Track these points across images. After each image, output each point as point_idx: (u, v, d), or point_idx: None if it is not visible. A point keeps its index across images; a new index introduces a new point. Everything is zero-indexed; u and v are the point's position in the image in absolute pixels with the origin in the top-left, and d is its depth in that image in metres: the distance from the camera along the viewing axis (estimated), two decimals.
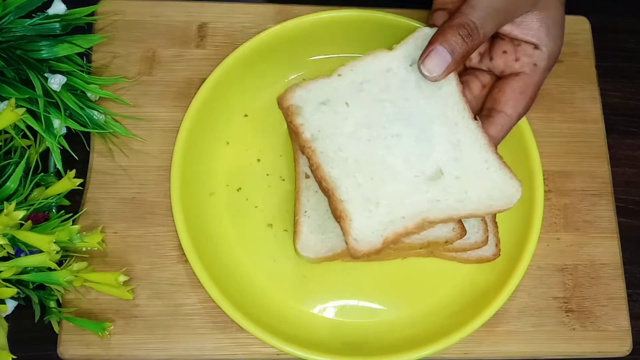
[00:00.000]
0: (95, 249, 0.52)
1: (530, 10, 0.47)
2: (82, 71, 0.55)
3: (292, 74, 0.60)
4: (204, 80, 0.55)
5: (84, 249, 0.52)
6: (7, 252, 0.48)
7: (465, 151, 0.47)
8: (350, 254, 0.46)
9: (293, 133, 0.48)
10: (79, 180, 0.52)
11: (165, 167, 0.56)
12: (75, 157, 0.54)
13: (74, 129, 0.54)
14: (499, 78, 0.50)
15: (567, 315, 0.55)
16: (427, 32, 0.49)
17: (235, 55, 0.56)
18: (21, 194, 0.51)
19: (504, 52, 0.49)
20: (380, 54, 0.49)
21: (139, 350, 0.52)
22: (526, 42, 0.48)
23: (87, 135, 0.56)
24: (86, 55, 0.57)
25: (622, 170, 0.61)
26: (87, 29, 0.58)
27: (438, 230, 0.50)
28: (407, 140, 0.47)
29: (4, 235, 0.46)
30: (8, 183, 0.51)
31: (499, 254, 0.54)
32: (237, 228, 0.55)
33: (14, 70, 0.52)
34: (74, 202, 0.55)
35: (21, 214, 0.47)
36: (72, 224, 0.50)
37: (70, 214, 0.51)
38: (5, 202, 0.48)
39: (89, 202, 0.55)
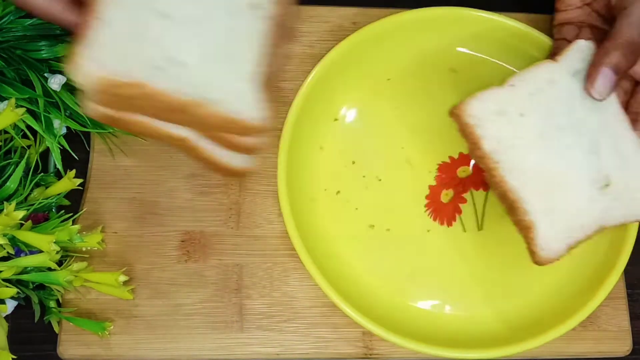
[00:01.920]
0: (95, 249, 0.52)
1: None
2: None
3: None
4: None
5: (84, 249, 0.52)
6: (7, 252, 0.48)
7: (629, 160, 0.50)
8: (535, 262, 0.48)
9: (469, 143, 0.48)
10: (79, 180, 0.52)
11: (165, 167, 0.56)
12: (75, 157, 0.54)
13: (74, 129, 0.54)
14: (637, 83, 0.52)
15: None
16: (582, 45, 0.49)
17: (327, 59, 0.55)
18: (21, 194, 0.51)
19: None
20: (545, 65, 0.50)
21: (139, 350, 0.52)
22: None
23: (87, 135, 0.56)
24: None
25: None
26: None
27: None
28: (578, 151, 0.49)
29: (4, 235, 0.46)
30: (8, 183, 0.51)
31: None
32: (340, 231, 0.56)
33: (14, 70, 0.52)
34: (74, 202, 0.55)
35: (21, 214, 0.47)
36: (72, 224, 0.50)
37: (70, 214, 0.51)
38: (5, 202, 0.48)
39: (89, 202, 0.55)
